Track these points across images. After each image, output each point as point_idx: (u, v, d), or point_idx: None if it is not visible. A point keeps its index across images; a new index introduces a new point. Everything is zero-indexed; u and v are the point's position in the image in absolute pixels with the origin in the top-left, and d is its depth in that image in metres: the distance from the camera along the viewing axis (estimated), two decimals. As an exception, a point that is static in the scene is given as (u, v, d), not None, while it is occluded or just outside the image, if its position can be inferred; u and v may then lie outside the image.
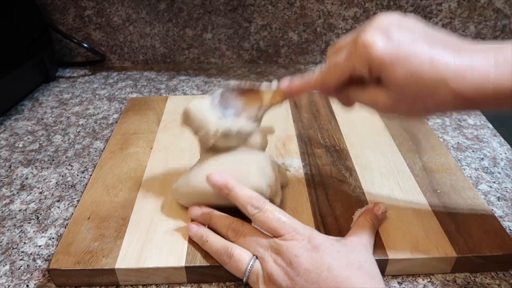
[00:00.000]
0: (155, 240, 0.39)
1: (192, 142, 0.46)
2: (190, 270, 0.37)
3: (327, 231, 0.40)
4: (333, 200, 0.44)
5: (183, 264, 0.37)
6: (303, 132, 0.56)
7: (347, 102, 0.37)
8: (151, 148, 0.53)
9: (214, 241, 0.37)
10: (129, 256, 0.38)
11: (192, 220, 0.41)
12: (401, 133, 0.55)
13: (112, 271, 0.37)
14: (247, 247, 0.36)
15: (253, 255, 0.35)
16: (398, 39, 0.30)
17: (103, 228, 0.41)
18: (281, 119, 0.59)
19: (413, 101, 0.31)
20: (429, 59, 0.30)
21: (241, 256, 0.35)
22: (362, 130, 0.56)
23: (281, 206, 0.43)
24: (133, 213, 0.43)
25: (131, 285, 0.38)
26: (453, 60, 0.29)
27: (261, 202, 0.36)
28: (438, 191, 0.44)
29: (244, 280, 0.35)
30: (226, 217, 0.39)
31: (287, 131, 0.56)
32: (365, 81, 0.33)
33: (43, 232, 0.44)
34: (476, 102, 0.30)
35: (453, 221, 0.40)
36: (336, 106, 0.61)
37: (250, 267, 0.35)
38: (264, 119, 0.43)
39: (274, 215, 0.36)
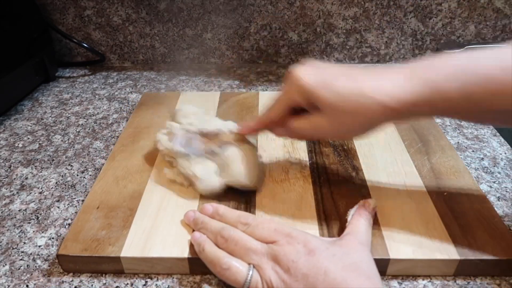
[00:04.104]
0: (160, 231, 0.40)
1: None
2: (192, 262, 0.38)
3: (330, 229, 0.40)
4: (338, 198, 0.44)
5: (186, 255, 0.38)
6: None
7: (298, 137, 0.42)
8: None
9: (209, 251, 0.36)
10: (135, 245, 0.39)
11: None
12: (411, 134, 0.54)
13: (117, 259, 0.38)
14: (241, 256, 0.35)
15: (249, 264, 0.35)
16: (323, 70, 0.37)
17: (111, 218, 0.42)
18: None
19: (346, 119, 0.36)
20: (350, 80, 0.35)
21: (238, 268, 0.34)
22: None
23: (286, 203, 0.43)
24: (140, 204, 0.44)
25: (136, 274, 0.39)
26: (370, 77, 0.35)
27: (250, 218, 0.38)
28: (445, 194, 0.44)
29: None
30: (215, 223, 0.39)
31: None
32: (306, 113, 0.38)
33: (43, 232, 0.44)
34: (400, 111, 0.34)
35: (459, 224, 0.40)
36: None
37: (250, 277, 0.34)
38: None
39: (263, 225, 0.37)
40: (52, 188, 0.50)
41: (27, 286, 0.38)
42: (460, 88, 0.32)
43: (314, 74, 0.36)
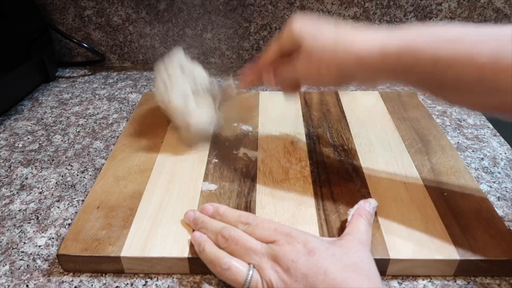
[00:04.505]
0: (160, 231, 0.40)
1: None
2: (192, 262, 0.38)
3: (330, 229, 0.40)
4: (338, 198, 0.44)
5: (186, 255, 0.38)
6: (312, 131, 0.56)
7: (284, 82, 0.45)
8: (162, 142, 0.54)
9: (210, 251, 0.36)
10: (135, 245, 0.39)
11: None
12: (411, 134, 0.54)
13: (117, 259, 0.38)
14: (241, 255, 0.35)
15: (249, 264, 0.35)
16: (316, 22, 0.41)
17: (111, 217, 0.42)
18: (290, 117, 0.59)
19: (319, 63, 0.39)
20: (333, 33, 0.39)
21: (238, 268, 0.34)
22: (371, 131, 0.56)
23: (286, 203, 0.43)
24: (140, 204, 0.44)
25: (136, 274, 0.39)
26: (350, 32, 0.38)
27: (250, 218, 0.38)
28: (445, 194, 0.44)
29: None
30: (216, 222, 0.39)
31: (296, 129, 0.56)
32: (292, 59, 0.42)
33: (43, 232, 0.44)
34: (369, 62, 0.36)
35: (459, 224, 0.40)
36: (346, 106, 0.62)
37: (250, 277, 0.34)
38: (274, 117, 0.57)
39: (263, 225, 0.37)
40: (52, 188, 0.50)
41: (27, 286, 0.38)
42: (429, 47, 0.33)
43: (306, 24, 0.40)
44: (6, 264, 0.40)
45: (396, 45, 0.35)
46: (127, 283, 0.38)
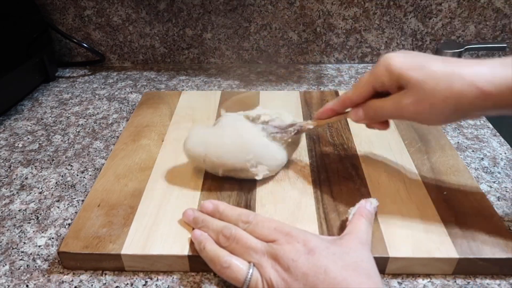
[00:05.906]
0: (160, 229, 0.41)
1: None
2: (192, 259, 0.38)
3: (329, 228, 0.40)
4: (338, 197, 0.44)
5: (186, 253, 0.38)
6: (312, 130, 0.56)
7: (375, 119, 0.41)
8: (162, 141, 0.54)
9: (210, 249, 0.37)
10: (135, 243, 0.39)
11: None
12: (411, 133, 0.55)
13: (118, 257, 0.38)
14: (241, 254, 0.35)
15: (249, 262, 0.35)
16: (416, 55, 0.37)
17: (112, 215, 0.42)
18: (291, 116, 0.59)
19: (436, 100, 0.35)
20: (445, 63, 0.35)
21: (238, 266, 0.35)
22: (371, 130, 0.55)
23: (286, 202, 0.43)
24: (141, 202, 0.44)
25: (136, 273, 0.39)
26: (466, 63, 0.34)
27: (250, 217, 0.38)
28: (445, 193, 0.44)
29: None
30: (217, 221, 0.39)
31: None
32: (386, 95, 0.38)
33: (42, 232, 0.44)
34: (496, 97, 0.33)
35: (458, 223, 0.40)
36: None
37: (250, 275, 0.34)
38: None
39: (264, 224, 0.37)
40: (52, 188, 0.50)
41: (27, 286, 0.38)
42: None
43: (405, 57, 0.37)
44: (6, 264, 0.40)
45: None
46: (127, 283, 0.38)
